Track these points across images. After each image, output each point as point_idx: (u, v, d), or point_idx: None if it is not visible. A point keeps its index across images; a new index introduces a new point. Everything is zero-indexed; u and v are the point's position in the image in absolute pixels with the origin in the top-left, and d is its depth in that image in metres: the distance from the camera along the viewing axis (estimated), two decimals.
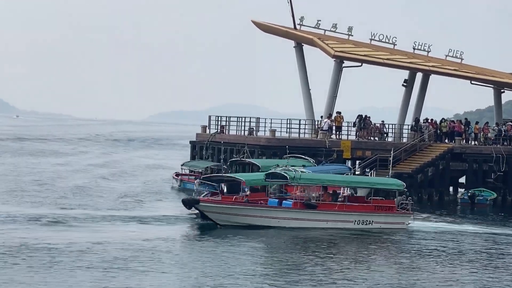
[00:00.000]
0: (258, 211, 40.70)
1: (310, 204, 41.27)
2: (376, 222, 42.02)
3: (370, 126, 63.86)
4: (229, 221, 40.34)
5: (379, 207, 42.77)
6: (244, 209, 40.67)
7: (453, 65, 68.33)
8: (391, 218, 42.66)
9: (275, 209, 41.07)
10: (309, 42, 64.94)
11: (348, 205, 42.13)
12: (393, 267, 31.76)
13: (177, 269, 29.32)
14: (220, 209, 40.31)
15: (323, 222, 41.03)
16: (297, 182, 41.27)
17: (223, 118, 67.59)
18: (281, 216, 40.72)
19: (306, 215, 40.97)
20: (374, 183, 45.08)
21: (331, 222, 41.16)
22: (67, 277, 27.00)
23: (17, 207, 44.56)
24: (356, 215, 41.78)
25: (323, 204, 41.65)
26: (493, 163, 61.39)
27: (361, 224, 41.68)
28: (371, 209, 42.44)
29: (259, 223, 40.32)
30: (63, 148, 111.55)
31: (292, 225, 40.45)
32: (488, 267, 33.06)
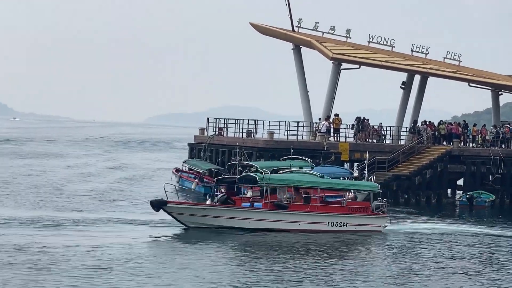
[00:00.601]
0: (227, 213, 39.98)
1: (281, 205, 40.43)
2: (351, 224, 41.22)
3: (368, 128, 63.88)
4: (199, 223, 39.64)
5: (354, 208, 41.93)
6: (213, 210, 40.00)
7: (451, 67, 68.38)
8: (366, 220, 41.75)
9: (244, 210, 40.41)
10: (307, 44, 64.97)
11: (321, 206, 41.30)
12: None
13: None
14: (188, 210, 39.67)
15: (295, 224, 40.37)
16: (266, 183, 40.39)
17: (221, 120, 67.60)
18: (251, 217, 40.04)
19: (276, 216, 40.23)
20: (347, 185, 44.29)
21: (304, 224, 40.48)
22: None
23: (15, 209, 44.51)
24: (330, 217, 40.93)
25: (294, 205, 40.85)
26: (491, 165, 61.44)
27: (335, 226, 40.89)
28: (345, 211, 41.67)
29: (229, 224, 39.68)
30: (61, 150, 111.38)
31: (262, 227, 39.82)
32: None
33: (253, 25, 70.74)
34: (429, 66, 66.62)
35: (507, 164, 62.10)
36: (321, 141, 59.68)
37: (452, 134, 64.29)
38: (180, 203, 40.32)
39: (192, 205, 40.78)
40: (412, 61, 66.72)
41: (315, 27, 65.74)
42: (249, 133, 63.58)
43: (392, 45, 67.23)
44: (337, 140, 61.53)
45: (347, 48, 64.69)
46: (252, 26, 70.82)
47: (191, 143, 70.19)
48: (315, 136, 61.73)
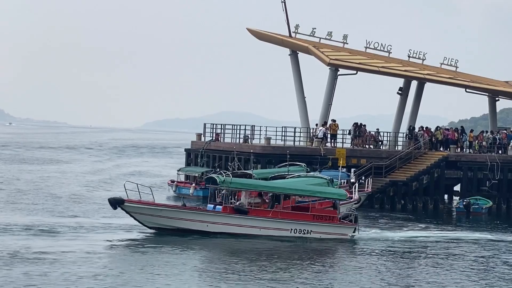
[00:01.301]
0: (184, 214, 39.27)
1: (240, 210, 39.62)
2: (315, 232, 40.15)
3: (365, 134, 63.88)
4: (156, 223, 38.96)
5: (319, 216, 40.63)
6: (170, 211, 39.31)
7: (448, 73, 68.39)
8: (332, 228, 40.53)
9: (202, 213, 39.78)
10: (304, 50, 64.97)
11: (284, 212, 40.28)
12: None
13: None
14: (145, 210, 38.82)
15: (256, 229, 39.42)
16: (227, 186, 39.78)
17: (218, 126, 67.60)
18: (210, 220, 39.34)
19: (236, 221, 39.43)
20: (314, 192, 42.10)
21: (265, 230, 39.52)
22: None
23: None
24: (293, 224, 39.95)
25: (255, 210, 39.96)
26: (488, 171, 61.45)
27: (298, 233, 39.92)
28: (309, 218, 40.45)
29: (186, 226, 39.01)
30: (57, 156, 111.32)
31: (221, 230, 39.13)
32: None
33: (250, 31, 70.72)
34: (426, 72, 66.63)
35: (504, 170, 62.11)
36: (318, 146, 59.65)
37: (448, 140, 64.33)
38: (137, 202, 38.98)
39: (149, 205, 39.18)
40: (409, 67, 66.72)
41: (312, 33, 65.75)
42: (246, 138, 63.56)
43: (389, 51, 67.23)
44: (334, 146, 61.50)
45: (344, 54, 64.68)
46: (249, 31, 70.80)
47: (188, 148, 70.17)
48: (312, 141, 61.70)
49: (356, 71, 64.06)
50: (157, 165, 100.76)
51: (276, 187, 41.56)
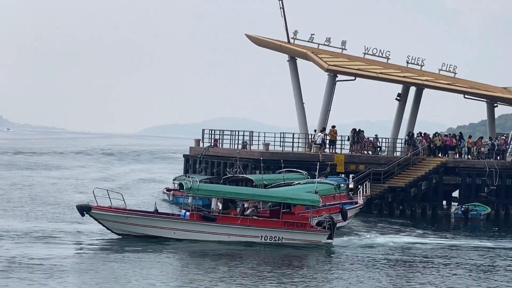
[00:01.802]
0: (151, 221, 38.95)
1: (207, 217, 39.17)
2: (286, 239, 39.48)
3: (364, 140, 63.88)
4: (123, 230, 38.76)
5: (290, 223, 39.87)
6: (135, 218, 38.96)
7: (446, 79, 68.43)
8: (303, 235, 39.85)
9: (169, 220, 39.36)
10: (303, 56, 64.99)
11: (253, 219, 39.76)
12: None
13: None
14: (112, 217, 38.64)
15: (225, 236, 38.90)
16: (193, 192, 39.51)
17: (216, 131, 67.57)
18: (177, 227, 38.97)
19: (203, 228, 38.93)
20: (284, 198, 41.24)
21: (234, 237, 38.96)
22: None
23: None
24: (263, 231, 39.32)
25: (223, 217, 39.42)
26: (487, 177, 61.44)
27: (268, 240, 39.25)
28: (279, 225, 39.74)
29: (153, 233, 38.71)
30: (55, 162, 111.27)
31: (188, 237, 38.70)
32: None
33: (248, 37, 70.75)
34: (425, 78, 66.67)
35: (502, 176, 62.12)
36: (316, 152, 59.65)
37: (447, 146, 64.34)
38: (104, 209, 38.74)
39: (115, 211, 38.90)
40: (408, 73, 66.77)
41: (311, 39, 65.80)
42: (245, 144, 63.54)
43: (388, 57, 67.29)
44: (332, 152, 61.49)
45: (342, 60, 64.71)
46: (247, 37, 70.82)
47: (186, 154, 70.14)
48: (310, 147, 61.70)
49: (354, 77, 64.08)
50: (156, 171, 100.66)
51: (245, 193, 41.12)
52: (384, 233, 46.74)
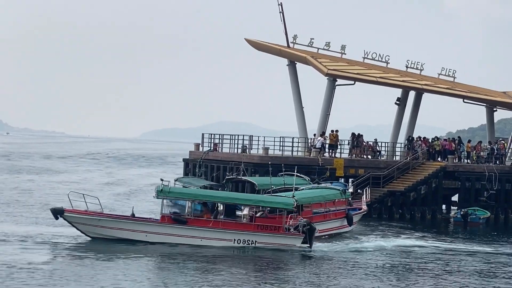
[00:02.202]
0: (123, 224, 39.04)
1: (179, 219, 39.19)
2: (260, 243, 39.07)
3: (363, 144, 63.92)
4: (96, 233, 38.93)
5: (263, 226, 39.58)
6: (107, 221, 39.04)
7: (445, 83, 68.50)
8: (277, 239, 39.36)
9: (141, 223, 39.38)
10: (302, 60, 65.05)
11: (225, 222, 39.51)
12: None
13: None
14: (85, 220, 38.81)
15: (197, 239, 38.81)
16: (164, 195, 39.35)
17: (216, 136, 67.60)
18: (149, 230, 38.96)
19: (175, 231, 38.92)
20: (257, 201, 41.15)
21: (206, 240, 38.83)
22: None
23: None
24: (236, 234, 39.10)
25: (194, 220, 39.34)
26: (486, 182, 61.46)
27: (242, 244, 38.98)
28: (252, 228, 39.48)
29: (126, 236, 38.83)
30: (53, 166, 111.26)
31: (160, 240, 38.64)
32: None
33: (248, 41, 70.82)
34: (424, 82, 66.74)
35: (502, 180, 62.15)
36: (316, 157, 59.68)
37: (446, 150, 64.39)
38: (77, 212, 38.92)
39: (88, 214, 39.05)
40: (407, 77, 66.82)
41: (310, 43, 65.89)
42: (244, 148, 63.54)
43: (387, 61, 67.39)
44: (332, 156, 61.52)
45: (342, 64, 64.78)
46: (247, 42, 70.91)
47: (186, 158, 70.14)
48: (310, 152, 61.73)
49: (354, 81, 64.09)
50: (154, 175, 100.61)
51: (215, 196, 41.07)
52: (378, 237, 46.56)
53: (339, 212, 47.50)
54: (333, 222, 46.80)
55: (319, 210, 46.13)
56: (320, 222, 45.11)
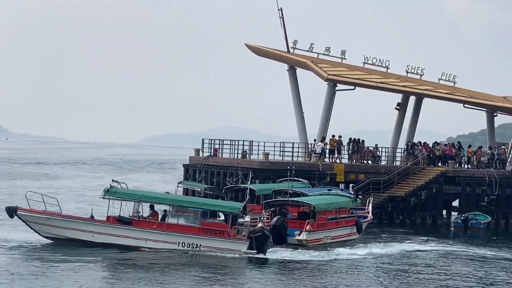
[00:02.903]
0: (71, 224, 38.91)
1: (123, 220, 38.82)
2: (205, 247, 38.39)
3: (363, 149, 63.84)
4: (48, 232, 38.91)
5: (208, 230, 38.80)
6: (57, 220, 38.90)
7: (446, 88, 68.47)
8: (222, 243, 38.51)
9: (87, 223, 39.14)
10: (303, 65, 65.03)
11: (170, 225, 39.15)
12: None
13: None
14: (36, 219, 38.75)
15: (142, 241, 38.38)
16: (110, 196, 39.32)
17: (216, 141, 67.55)
18: (95, 230, 38.74)
19: (119, 231, 38.60)
20: (202, 204, 40.76)
21: (151, 242, 38.33)
22: None
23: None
24: (180, 237, 38.52)
25: (139, 222, 39.03)
26: (486, 187, 61.40)
27: (186, 247, 38.40)
28: (197, 232, 38.80)
29: (74, 236, 38.75)
30: (52, 171, 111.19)
31: (106, 241, 38.47)
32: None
33: (248, 46, 70.80)
34: (424, 87, 66.70)
35: (502, 185, 62.09)
36: (316, 162, 59.60)
37: (446, 156, 64.33)
38: (29, 211, 38.83)
39: (39, 213, 38.93)
40: (407, 82, 66.81)
41: (310, 48, 65.87)
42: (244, 154, 63.49)
43: (387, 66, 67.37)
44: (333, 162, 61.45)
45: (342, 69, 64.76)
46: (247, 47, 70.88)
47: (186, 164, 70.08)
48: (310, 157, 61.66)
49: (354, 86, 64.08)
50: (156, 180, 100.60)
51: (164, 198, 40.70)
52: (379, 243, 46.45)
53: (350, 219, 47.72)
54: (344, 229, 46.94)
55: (333, 217, 46.48)
56: (333, 229, 45.47)
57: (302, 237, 42.67)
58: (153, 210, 40.27)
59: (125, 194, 39.71)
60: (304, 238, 42.64)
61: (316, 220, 43.27)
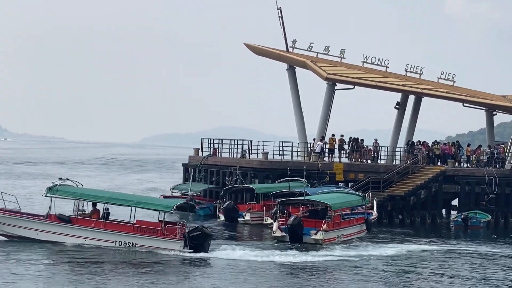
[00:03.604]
0: (16, 221, 39.37)
1: (62, 218, 39.37)
2: (140, 245, 38.46)
3: (363, 149, 63.83)
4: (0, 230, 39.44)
5: (142, 229, 38.90)
6: (3, 218, 39.43)
7: (445, 87, 68.49)
8: (156, 242, 38.48)
9: (32, 220, 39.58)
10: (302, 64, 65.03)
11: (107, 223, 39.24)
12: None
13: None
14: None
15: (81, 239, 38.80)
16: (52, 194, 39.70)
17: (215, 140, 67.55)
18: (39, 228, 39.26)
19: (60, 229, 39.10)
20: (137, 202, 40.63)
21: (90, 240, 38.71)
22: None
23: None
24: (116, 235, 38.75)
25: (79, 220, 39.40)
26: (486, 186, 61.42)
27: (123, 245, 38.58)
28: (132, 231, 38.87)
29: (20, 233, 39.22)
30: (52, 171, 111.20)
31: (50, 239, 38.92)
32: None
33: (247, 46, 70.77)
34: (424, 86, 66.73)
35: (502, 184, 62.11)
36: (315, 161, 59.61)
37: (446, 155, 64.35)
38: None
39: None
40: (407, 81, 66.82)
41: (310, 48, 65.85)
42: (244, 153, 63.50)
43: (387, 66, 67.37)
44: (331, 161, 61.48)
45: (341, 69, 64.76)
46: (246, 46, 70.85)
47: (185, 163, 70.07)
48: (309, 156, 61.67)
49: (353, 85, 64.10)
50: (158, 180, 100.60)
51: (98, 196, 40.90)
52: (380, 242, 46.52)
53: (360, 217, 48.67)
54: (356, 227, 47.93)
55: (347, 215, 47.62)
56: (346, 227, 46.38)
57: (319, 237, 43.30)
58: (94, 208, 40.56)
59: (65, 192, 40.29)
60: (321, 238, 43.24)
61: (332, 219, 44.10)
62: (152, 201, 41.77)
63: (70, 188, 40.77)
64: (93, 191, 42.47)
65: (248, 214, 54.06)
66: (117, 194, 42.42)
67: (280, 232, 43.98)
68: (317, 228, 43.68)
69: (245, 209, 54.46)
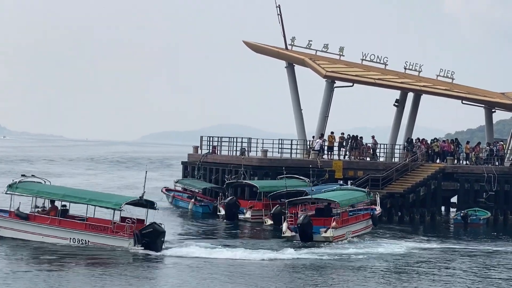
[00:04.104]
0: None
1: (20, 215, 40.06)
2: (92, 243, 38.57)
3: (362, 146, 63.83)
4: None
5: (93, 226, 39.13)
6: None
7: (444, 85, 68.49)
8: (106, 240, 38.56)
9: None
10: (301, 62, 65.01)
11: (62, 221, 39.57)
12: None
13: None
14: None
15: (39, 236, 39.26)
16: (12, 190, 40.42)
17: (215, 138, 67.55)
18: (1, 225, 40.16)
19: (18, 226, 39.77)
20: (90, 200, 40.53)
21: (46, 237, 39.13)
22: None
23: None
24: (70, 233, 39.01)
25: (36, 217, 39.98)
26: (485, 183, 61.43)
27: (77, 243, 38.79)
28: (83, 228, 39.15)
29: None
30: (51, 170, 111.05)
31: (10, 236, 39.64)
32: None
33: (246, 43, 70.76)
34: (422, 84, 66.72)
35: (501, 181, 62.13)
36: (314, 159, 59.61)
37: (445, 152, 64.36)
38: None
39: None
40: (406, 79, 66.81)
41: (308, 45, 65.84)
42: (243, 151, 63.51)
43: (385, 63, 67.34)
44: (330, 158, 61.48)
45: (340, 66, 64.74)
46: (245, 44, 70.84)
47: (185, 161, 70.06)
48: (308, 154, 61.68)
49: (352, 83, 64.11)
50: (158, 178, 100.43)
51: (55, 193, 41.08)
52: (381, 240, 46.54)
53: (366, 213, 49.43)
54: (363, 223, 48.61)
55: (354, 211, 48.42)
56: (354, 224, 47.02)
57: (329, 234, 43.66)
58: (52, 205, 40.87)
59: (23, 189, 40.84)
60: (331, 235, 43.61)
61: (340, 217, 44.57)
62: (104, 199, 41.20)
63: (29, 185, 41.28)
64: (50, 188, 42.40)
65: (249, 212, 54.10)
66: (71, 191, 42.46)
67: (290, 232, 44.13)
68: (326, 226, 44.06)
69: (247, 206, 54.54)
